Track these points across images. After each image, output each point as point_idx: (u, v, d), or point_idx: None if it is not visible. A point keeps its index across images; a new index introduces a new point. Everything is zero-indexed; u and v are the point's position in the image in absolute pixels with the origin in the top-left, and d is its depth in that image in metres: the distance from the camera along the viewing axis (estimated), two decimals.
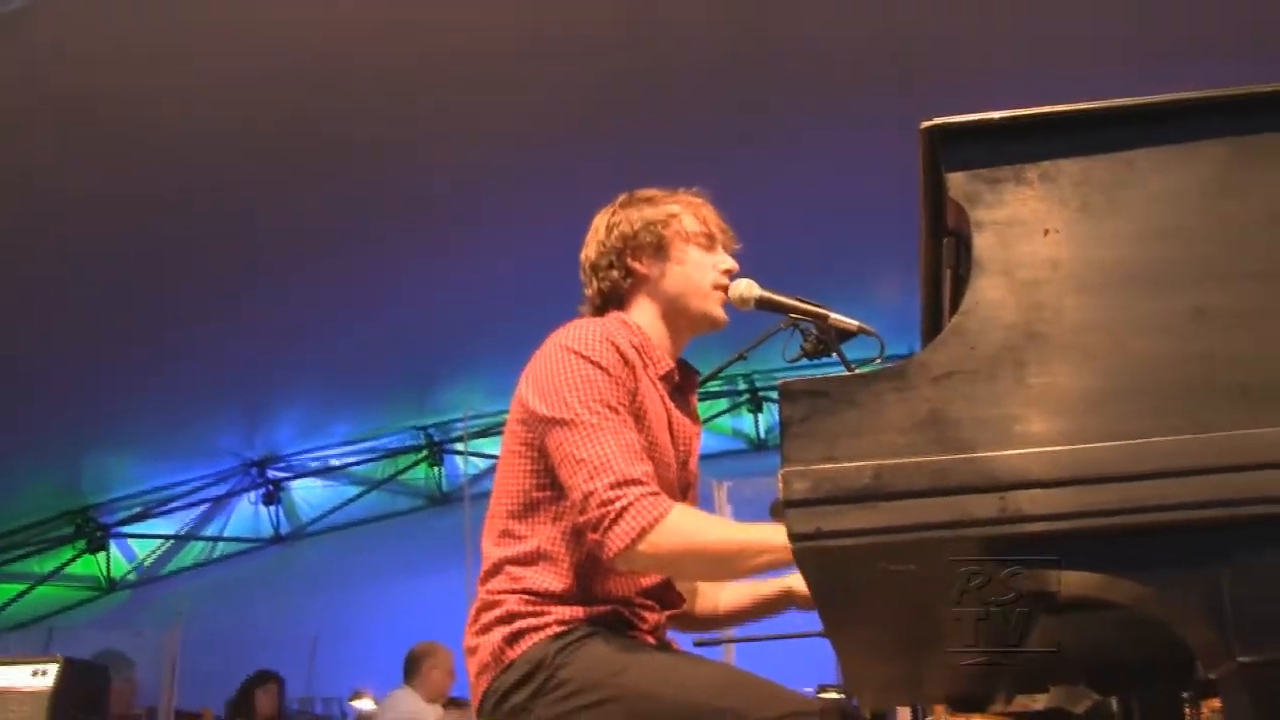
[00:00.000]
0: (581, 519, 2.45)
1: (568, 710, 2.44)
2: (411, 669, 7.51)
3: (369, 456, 13.52)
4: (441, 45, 7.26)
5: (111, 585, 13.57)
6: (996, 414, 1.48)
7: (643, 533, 2.37)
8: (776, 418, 2.83)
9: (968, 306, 1.54)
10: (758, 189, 8.44)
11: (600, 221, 2.88)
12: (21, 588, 13.20)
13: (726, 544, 2.46)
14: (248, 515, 13.72)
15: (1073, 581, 1.54)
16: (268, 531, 13.69)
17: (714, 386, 12.11)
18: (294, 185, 8.25)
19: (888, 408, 1.50)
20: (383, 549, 13.08)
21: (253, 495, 13.56)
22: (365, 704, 8.17)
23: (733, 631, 4.90)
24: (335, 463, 13.57)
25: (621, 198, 2.90)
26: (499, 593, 2.63)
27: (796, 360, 2.99)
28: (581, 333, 2.62)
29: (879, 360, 2.74)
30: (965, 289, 1.56)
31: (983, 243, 1.56)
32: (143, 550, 13.72)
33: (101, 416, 11.22)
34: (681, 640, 3.10)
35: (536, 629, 2.54)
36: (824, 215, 8.91)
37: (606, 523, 2.39)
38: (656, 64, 7.64)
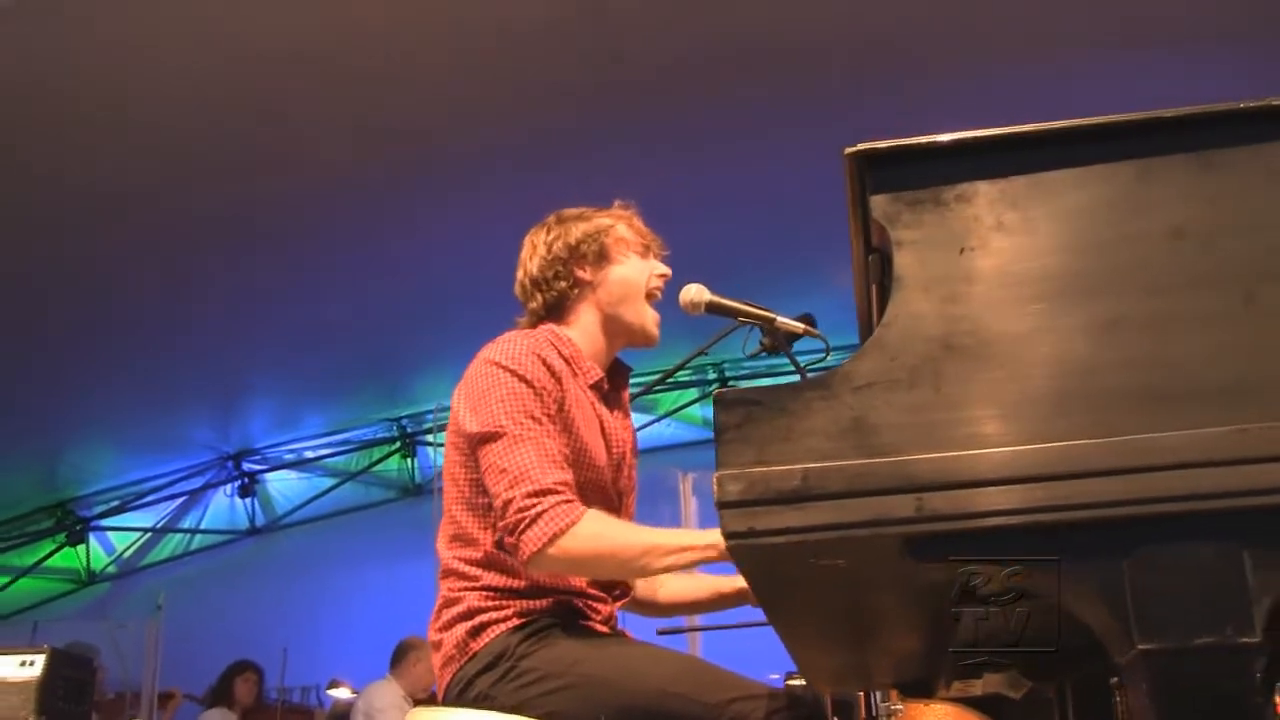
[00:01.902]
0: (500, 524, 2.58)
1: (529, 697, 2.57)
2: (397, 660, 7.61)
3: (343, 449, 13.57)
4: (411, 36, 7.30)
5: (91, 577, 13.65)
6: (915, 421, 1.59)
7: (554, 538, 2.50)
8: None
9: (889, 320, 1.65)
10: (723, 174, 8.59)
11: (537, 239, 3.00)
12: (3, 581, 13.29)
13: (632, 547, 2.58)
14: (224, 508, 13.76)
15: (992, 574, 1.66)
16: (244, 524, 13.73)
17: (684, 376, 12.21)
18: (264, 179, 8.22)
19: (814, 415, 1.61)
20: (357, 540, 13.14)
21: (228, 488, 13.60)
22: (342, 692, 8.27)
23: (696, 620, 5.05)
24: (309, 455, 13.61)
25: (552, 217, 3.03)
26: (459, 590, 2.75)
27: (756, 355, 3.11)
28: (509, 348, 2.74)
29: (826, 356, 2.87)
30: (888, 303, 1.67)
31: (903, 260, 1.67)
32: (121, 543, 13.78)
33: (78, 411, 11.26)
34: (646, 628, 3.23)
35: (498, 621, 2.67)
36: (786, 201, 8.98)
37: (521, 528, 2.52)
38: (624, 48, 7.70)
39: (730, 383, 12.49)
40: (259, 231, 8.84)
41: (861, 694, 4.73)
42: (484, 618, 2.69)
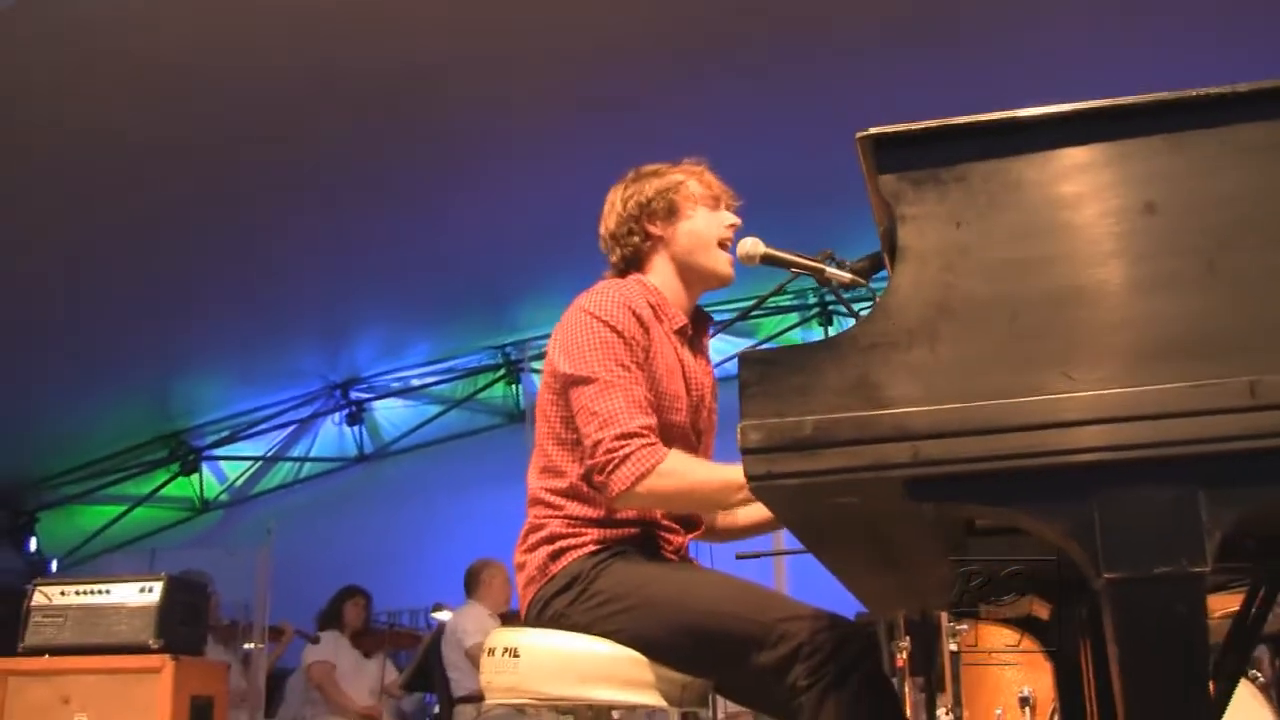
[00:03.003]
0: (590, 462, 2.85)
1: (600, 616, 2.85)
2: (471, 584, 7.96)
3: (448, 376, 13.87)
4: None
5: (205, 506, 14.13)
6: (912, 377, 1.81)
7: (640, 478, 2.77)
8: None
9: (892, 287, 1.86)
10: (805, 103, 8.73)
11: (615, 196, 3.25)
12: (121, 509, 13.76)
13: (710, 484, 2.84)
14: (332, 436, 14.16)
15: (984, 512, 1.88)
16: (352, 451, 14.14)
17: (784, 301, 12.38)
18: (367, 114, 8.48)
19: (826, 372, 1.83)
20: (463, 466, 13.41)
21: (336, 416, 13.99)
22: (445, 615, 8.63)
23: (782, 543, 5.31)
24: (415, 383, 13.93)
25: (630, 174, 3.28)
26: (543, 517, 3.03)
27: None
28: (601, 299, 2.99)
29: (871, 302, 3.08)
30: (894, 271, 1.89)
31: (905, 233, 1.88)
32: (233, 472, 14.24)
33: (189, 344, 11.63)
34: (724, 552, 3.50)
35: (576, 547, 2.95)
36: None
37: (610, 468, 2.79)
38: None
39: (830, 307, 12.63)
40: (364, 168, 9.10)
41: (938, 615, 5.00)
42: (563, 543, 2.97)
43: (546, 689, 2.84)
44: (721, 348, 12.13)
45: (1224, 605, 4.70)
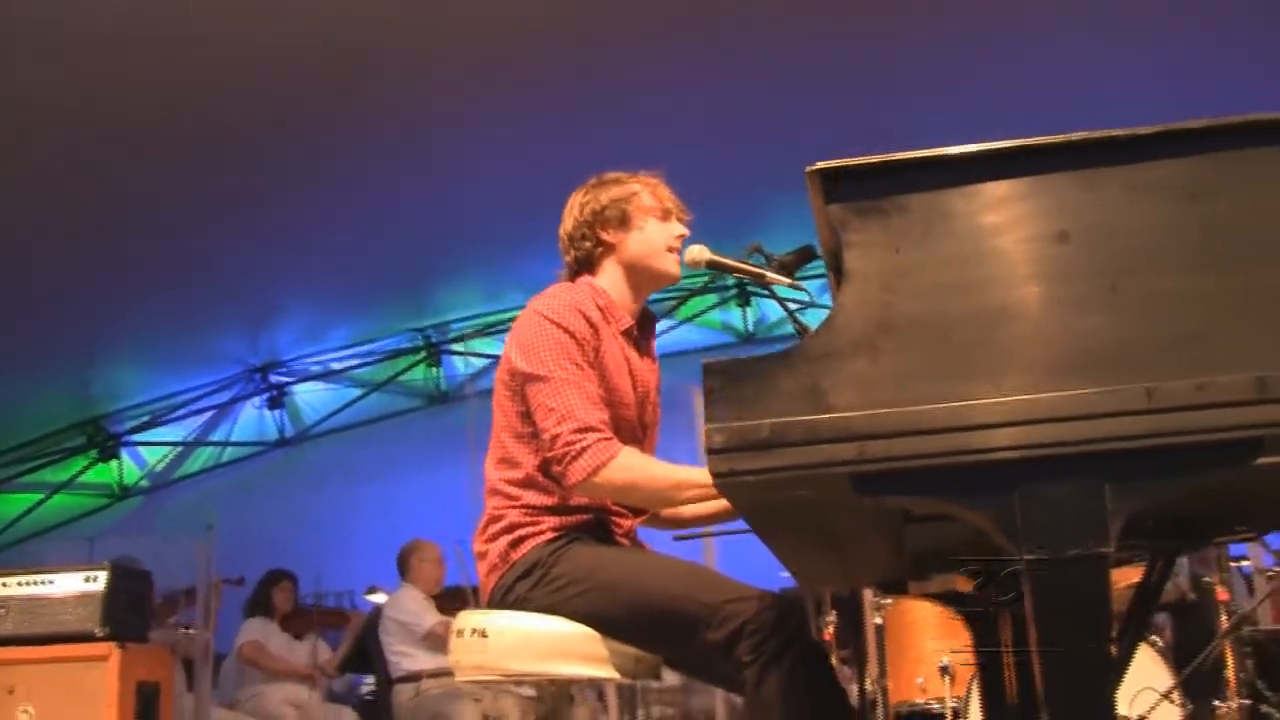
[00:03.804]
0: (549, 454, 3.11)
1: (560, 598, 3.11)
2: (403, 566, 8.16)
3: (369, 359, 13.93)
4: None
5: (125, 492, 14.12)
6: (856, 385, 2.07)
7: (597, 469, 3.04)
8: (764, 312, 3.45)
9: (839, 305, 2.12)
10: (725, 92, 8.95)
11: (574, 200, 3.49)
12: (39, 496, 13.72)
13: (662, 480, 3.12)
14: (253, 420, 14.17)
15: (919, 503, 2.15)
16: (273, 435, 14.17)
17: (700, 281, 12.61)
18: (292, 96, 8.54)
19: (780, 381, 2.09)
20: (385, 448, 13.53)
21: (257, 400, 13.99)
22: (380, 597, 8.79)
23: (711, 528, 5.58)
24: (336, 366, 13.98)
25: (592, 180, 3.52)
26: (502, 508, 3.28)
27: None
28: (554, 303, 3.25)
29: (808, 307, 3.35)
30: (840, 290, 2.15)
31: (850, 257, 2.14)
32: (153, 457, 14.23)
33: (108, 329, 11.61)
34: (664, 536, 3.76)
35: (534, 535, 3.20)
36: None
37: (568, 459, 3.05)
38: None
39: (749, 289, 12.84)
40: (286, 148, 9.15)
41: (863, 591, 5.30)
42: (522, 531, 3.22)
43: (512, 666, 3.09)
44: None
45: (1127, 577, 5.05)
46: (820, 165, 2.17)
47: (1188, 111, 2.26)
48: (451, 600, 8.16)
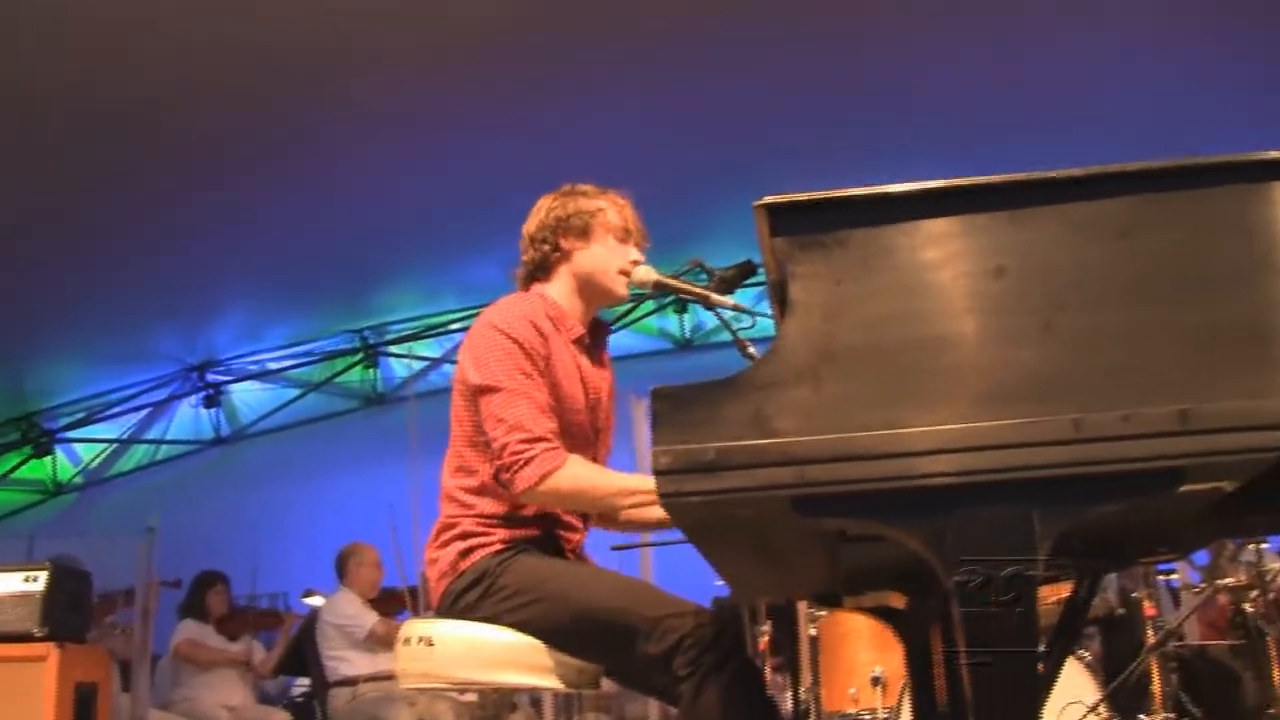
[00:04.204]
0: (497, 463, 3.19)
1: (506, 609, 3.19)
2: (341, 570, 8.18)
3: (306, 360, 14.00)
4: None
5: (58, 489, 14.10)
6: (799, 412, 2.15)
7: (543, 477, 3.12)
8: (700, 319, 3.53)
9: (783, 334, 2.20)
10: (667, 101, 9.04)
11: (542, 203, 3.59)
12: None
13: (605, 488, 3.20)
14: (189, 419, 14.20)
15: (855, 525, 2.24)
16: (209, 434, 14.18)
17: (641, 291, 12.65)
18: (230, 97, 8.57)
19: (726, 406, 2.17)
20: (321, 449, 13.56)
21: (193, 399, 14.01)
22: (317, 600, 8.80)
23: (648, 538, 5.67)
24: (273, 366, 14.04)
25: (564, 187, 3.61)
26: (456, 515, 3.36)
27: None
28: (505, 315, 3.33)
29: (751, 325, 3.43)
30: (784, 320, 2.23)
31: (794, 288, 2.22)
32: (88, 454, 14.21)
33: (44, 325, 11.60)
34: (602, 545, 3.84)
35: (484, 546, 3.28)
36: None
37: (516, 468, 3.14)
38: None
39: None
40: (224, 148, 9.16)
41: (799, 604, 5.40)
42: (474, 541, 3.30)
43: (457, 674, 3.16)
44: None
45: (1057, 592, 5.18)
46: (767, 200, 2.25)
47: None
48: (388, 603, 8.20)
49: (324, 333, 13.69)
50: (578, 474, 3.20)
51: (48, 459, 14.03)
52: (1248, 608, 5.16)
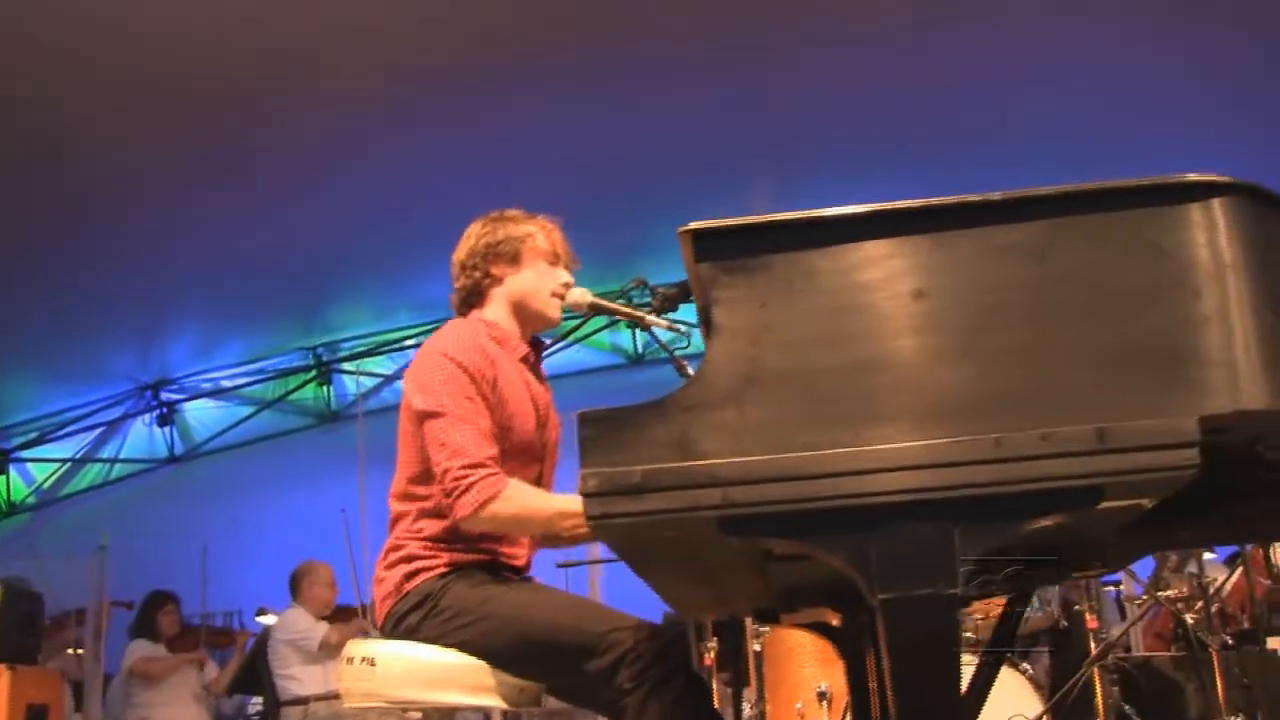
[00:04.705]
0: (440, 488, 3.21)
1: (447, 630, 3.22)
2: (294, 588, 8.18)
3: (260, 377, 13.95)
4: None
5: (12, 508, 14.02)
6: (723, 434, 2.18)
7: (483, 504, 3.15)
8: (650, 335, 3.54)
9: (707, 357, 2.24)
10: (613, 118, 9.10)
11: (472, 229, 3.61)
12: None
13: (544, 511, 3.23)
14: (143, 437, 14.12)
15: (781, 544, 2.27)
16: (163, 452, 14.12)
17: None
18: (181, 113, 8.56)
19: (652, 429, 2.20)
20: (275, 466, 13.53)
21: (147, 417, 13.95)
22: (269, 619, 8.80)
23: (597, 553, 5.71)
24: (226, 384, 14.00)
25: (493, 214, 3.64)
26: (403, 538, 3.39)
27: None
28: (449, 340, 3.36)
29: (686, 346, 3.47)
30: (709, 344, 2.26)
31: (718, 312, 2.25)
32: (41, 473, 14.13)
33: None
34: (547, 559, 3.87)
35: (428, 569, 3.31)
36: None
37: (457, 493, 3.17)
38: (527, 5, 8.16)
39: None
40: (177, 164, 9.17)
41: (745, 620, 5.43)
42: (419, 564, 3.33)
43: (399, 693, 3.19)
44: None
45: (987, 609, 5.25)
46: (692, 225, 2.28)
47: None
48: (342, 620, 8.19)
49: (277, 350, 13.68)
50: (517, 499, 3.23)
51: (0, 479, 13.89)
52: (1188, 619, 5.22)
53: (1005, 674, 4.70)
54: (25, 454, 14.02)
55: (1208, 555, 6.35)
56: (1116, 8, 8.07)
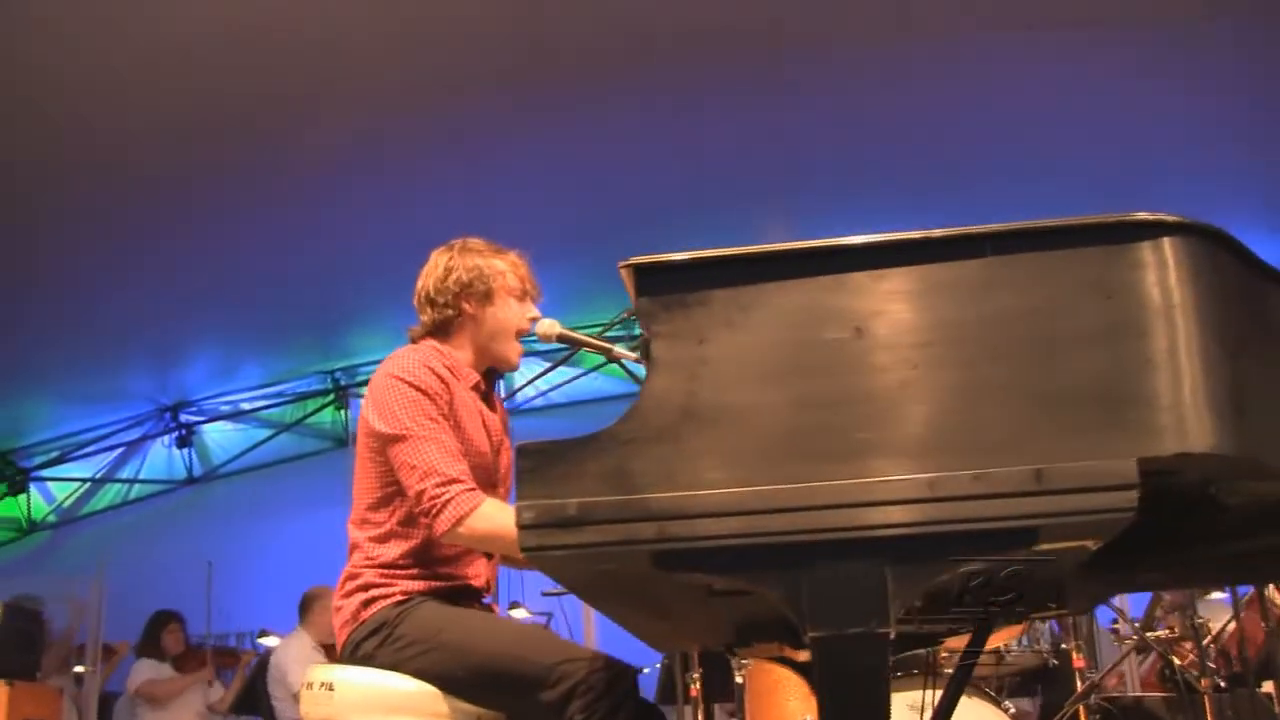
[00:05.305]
0: (417, 509, 3.22)
1: (403, 657, 3.23)
2: (304, 612, 8.20)
3: (277, 400, 14.05)
4: (344, 10, 7.77)
5: (32, 526, 14.12)
6: (659, 468, 2.18)
7: (461, 519, 3.15)
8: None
9: (645, 391, 2.24)
10: (641, 140, 9.13)
11: (439, 260, 3.61)
12: None
13: None
14: (162, 458, 14.20)
15: (717, 580, 2.27)
16: (181, 473, 14.20)
17: (614, 333, 12.71)
18: (201, 137, 8.61)
19: (588, 462, 2.20)
20: (292, 489, 13.57)
21: (166, 439, 14.04)
22: (273, 641, 8.83)
23: None
24: (245, 406, 14.07)
25: (458, 243, 3.64)
26: (360, 566, 3.40)
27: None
28: (404, 363, 3.38)
29: None
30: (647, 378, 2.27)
31: (657, 347, 2.26)
32: (61, 493, 14.23)
33: (18, 364, 11.61)
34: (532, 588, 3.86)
35: (385, 596, 3.32)
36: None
37: (435, 512, 3.17)
38: (549, 29, 8.20)
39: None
40: (197, 189, 9.20)
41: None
42: (375, 592, 3.34)
43: (357, 718, 3.19)
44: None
45: (1003, 638, 5.21)
46: (632, 260, 2.29)
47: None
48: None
49: (295, 374, 13.73)
50: (493, 515, 3.24)
51: (22, 497, 14.03)
52: (1176, 660, 5.17)
53: (988, 713, 4.66)
54: (46, 473, 14.08)
55: (1215, 595, 6.30)
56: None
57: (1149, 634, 5.38)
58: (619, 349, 3.45)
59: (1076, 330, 2.20)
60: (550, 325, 3.53)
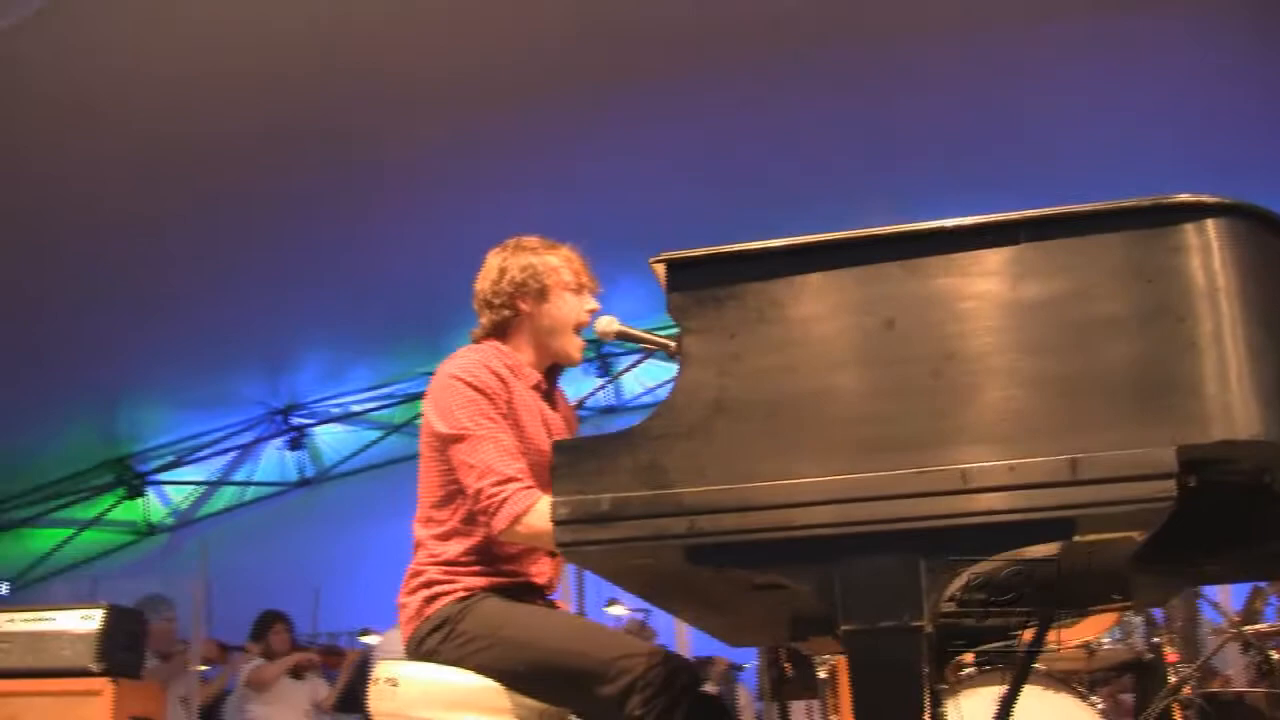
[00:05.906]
0: (475, 508, 3.24)
1: (466, 653, 3.26)
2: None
3: (387, 402, 14.23)
4: (437, 21, 7.89)
5: (150, 529, 14.45)
6: (691, 464, 2.19)
7: (518, 517, 3.16)
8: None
9: (677, 386, 2.25)
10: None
11: (494, 262, 3.62)
12: (69, 532, 14.07)
13: None
14: (274, 460, 14.50)
15: (751, 574, 2.27)
16: (293, 475, 14.48)
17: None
18: (309, 147, 8.81)
19: (621, 458, 2.21)
20: (401, 489, 13.66)
21: (279, 441, 14.31)
22: (373, 639, 8.94)
23: None
24: (355, 408, 14.30)
25: (511, 242, 3.64)
26: (423, 564, 3.44)
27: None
28: (463, 363, 3.39)
29: None
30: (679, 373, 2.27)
31: (688, 342, 2.26)
32: (178, 496, 14.55)
33: (135, 371, 11.95)
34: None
35: (447, 593, 3.35)
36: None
37: (492, 510, 3.18)
38: (632, 34, 8.25)
39: None
40: (307, 194, 9.44)
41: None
42: (438, 589, 3.37)
43: (421, 714, 3.24)
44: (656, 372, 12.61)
45: (1080, 634, 5.13)
46: (664, 256, 2.30)
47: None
48: None
49: (404, 375, 13.86)
50: (549, 513, 3.24)
51: (140, 500, 14.34)
52: (1274, 654, 5.05)
53: (1075, 708, 4.60)
54: (163, 477, 14.38)
55: None
56: None
57: (1248, 628, 5.25)
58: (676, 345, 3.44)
59: (1115, 316, 2.17)
60: (609, 322, 3.52)
